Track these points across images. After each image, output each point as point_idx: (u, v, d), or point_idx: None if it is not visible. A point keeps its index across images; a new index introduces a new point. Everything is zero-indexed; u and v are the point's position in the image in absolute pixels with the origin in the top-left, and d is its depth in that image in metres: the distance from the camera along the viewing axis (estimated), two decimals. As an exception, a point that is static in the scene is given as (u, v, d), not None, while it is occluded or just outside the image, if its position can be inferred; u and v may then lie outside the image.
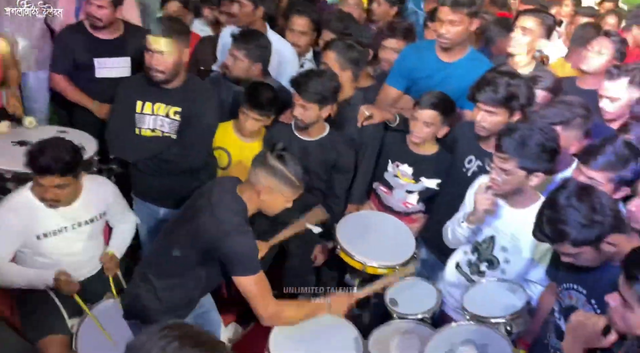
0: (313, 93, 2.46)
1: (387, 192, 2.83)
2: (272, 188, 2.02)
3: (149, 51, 2.41)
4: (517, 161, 1.97)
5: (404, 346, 2.09)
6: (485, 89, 2.28)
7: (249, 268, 1.96)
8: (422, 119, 2.58)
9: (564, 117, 2.23)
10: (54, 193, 2.20)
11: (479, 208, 2.10)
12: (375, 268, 2.49)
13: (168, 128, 2.55)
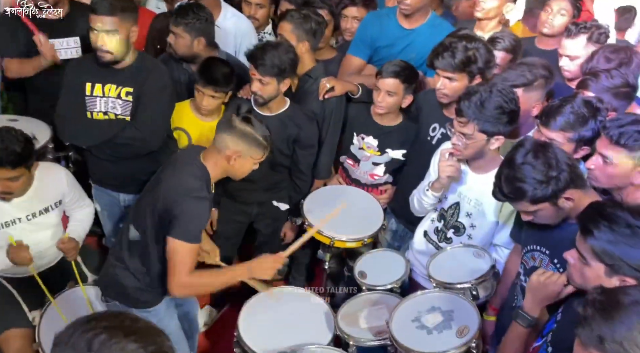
0: (270, 66, 2.39)
1: (354, 164, 2.80)
2: (241, 152, 1.98)
3: (94, 30, 2.30)
4: (476, 124, 1.96)
5: (372, 317, 2.09)
6: (443, 55, 2.24)
7: (186, 235, 1.89)
8: (384, 88, 2.54)
9: (526, 78, 2.21)
10: (5, 186, 2.12)
11: (443, 175, 2.08)
12: (343, 242, 2.49)
13: (121, 110, 2.45)
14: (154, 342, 0.99)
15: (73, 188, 2.44)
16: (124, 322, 1.00)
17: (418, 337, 1.81)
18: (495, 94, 1.95)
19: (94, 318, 1.01)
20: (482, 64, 2.25)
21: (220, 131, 2.00)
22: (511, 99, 1.97)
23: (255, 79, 2.43)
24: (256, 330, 2.10)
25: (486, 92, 1.95)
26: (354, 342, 2.00)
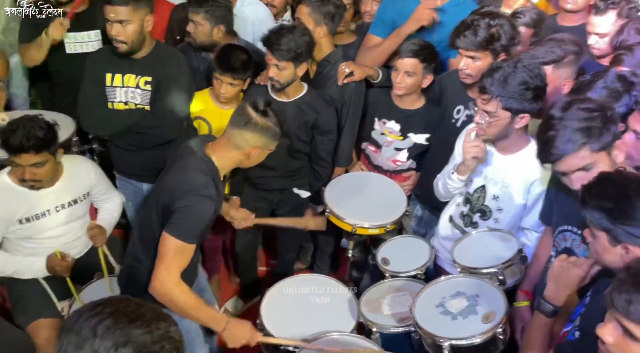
0: (286, 51, 2.36)
1: (376, 151, 2.76)
2: (261, 147, 1.94)
3: (109, 21, 2.33)
4: (499, 101, 1.88)
5: (395, 303, 2.06)
6: (465, 33, 2.18)
7: (182, 233, 1.80)
8: (403, 68, 2.49)
9: (555, 55, 2.12)
10: (32, 173, 2.15)
11: (468, 156, 2.02)
12: (365, 229, 2.45)
13: (140, 99, 2.48)
14: (160, 327, 0.97)
15: (100, 179, 2.47)
16: (128, 307, 0.98)
17: (442, 322, 1.77)
18: (520, 69, 1.87)
19: (100, 304, 0.99)
20: (506, 41, 2.17)
21: (237, 127, 1.91)
22: (537, 75, 1.89)
23: (272, 65, 2.41)
24: (279, 317, 2.09)
25: (510, 67, 1.88)
26: (377, 329, 1.97)
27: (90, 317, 0.96)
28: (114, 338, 0.93)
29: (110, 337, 0.93)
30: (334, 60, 2.66)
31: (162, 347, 0.95)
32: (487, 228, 2.09)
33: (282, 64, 2.39)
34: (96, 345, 0.92)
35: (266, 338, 1.98)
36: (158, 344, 0.95)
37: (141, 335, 0.94)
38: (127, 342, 0.93)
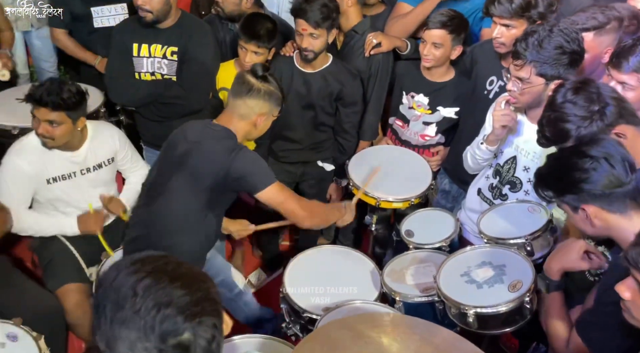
0: (321, 19, 2.35)
1: (403, 125, 2.73)
2: (266, 113, 1.95)
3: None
4: (533, 67, 1.84)
5: (419, 274, 2.05)
6: (500, 0, 2.11)
7: (265, 180, 1.90)
8: (431, 39, 2.45)
9: (597, 21, 2.05)
10: (45, 129, 2.19)
11: (497, 125, 1.98)
12: (389, 203, 2.44)
13: (167, 70, 2.51)
14: (200, 288, 0.96)
15: (125, 145, 2.51)
16: (168, 265, 0.97)
17: (467, 291, 1.75)
18: (556, 33, 1.81)
19: (139, 261, 0.97)
20: (544, 7, 2.11)
21: (240, 96, 1.92)
22: (574, 39, 1.83)
23: (307, 34, 2.39)
24: (302, 286, 2.11)
25: (545, 31, 1.82)
26: (401, 298, 1.97)
27: (129, 274, 0.94)
28: (155, 299, 0.91)
29: (152, 297, 0.91)
30: (362, 30, 2.64)
31: (203, 308, 0.94)
32: (516, 199, 2.06)
33: (317, 31, 2.37)
34: (137, 305, 0.91)
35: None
36: (199, 306, 0.94)
37: (183, 296, 0.92)
38: (169, 303, 0.91)
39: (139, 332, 0.90)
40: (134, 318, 0.90)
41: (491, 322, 1.70)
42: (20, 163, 2.24)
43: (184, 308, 0.92)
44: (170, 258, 1.00)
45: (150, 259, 0.98)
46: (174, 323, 0.90)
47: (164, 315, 0.90)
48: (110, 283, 0.94)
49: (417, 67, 2.64)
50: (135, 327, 0.90)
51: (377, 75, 2.64)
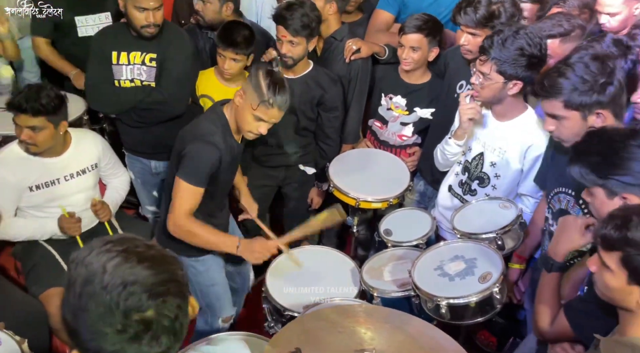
0: (301, 26, 2.43)
1: (382, 127, 2.83)
2: (245, 92, 1.99)
3: (145, 9, 2.44)
4: (494, 64, 1.95)
5: (396, 270, 2.12)
6: (465, 10, 2.24)
7: (190, 176, 1.98)
8: (408, 44, 2.55)
9: (562, 28, 2.17)
10: (27, 135, 2.25)
11: (464, 118, 2.08)
12: (368, 203, 2.52)
13: (146, 76, 2.58)
14: (167, 269, 1.01)
15: (107, 152, 2.58)
16: (138, 247, 1.02)
17: (440, 283, 1.83)
18: (521, 35, 1.92)
19: (111, 241, 1.03)
20: (506, 19, 2.23)
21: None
22: (536, 43, 1.93)
23: (286, 41, 2.47)
24: (283, 285, 2.18)
25: (511, 31, 1.94)
26: (378, 294, 2.04)
27: (101, 253, 0.99)
28: (123, 277, 0.97)
29: (120, 274, 0.97)
30: (341, 36, 2.73)
31: (167, 289, 0.99)
32: (486, 196, 2.15)
33: (296, 39, 2.45)
34: (105, 281, 0.96)
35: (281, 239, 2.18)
36: (164, 286, 0.99)
37: (149, 276, 0.98)
38: (135, 281, 0.96)
39: (105, 307, 0.95)
40: (101, 293, 0.95)
41: (463, 313, 1.78)
42: (4, 173, 2.29)
43: (149, 287, 0.97)
44: (141, 240, 1.05)
45: (122, 240, 1.03)
46: (138, 300, 0.95)
47: (129, 292, 0.95)
48: (82, 260, 1.00)
49: (395, 70, 2.75)
50: (101, 302, 0.95)
51: (357, 80, 2.73)
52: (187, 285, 1.06)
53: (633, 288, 1.21)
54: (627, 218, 1.22)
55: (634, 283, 1.21)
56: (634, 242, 1.19)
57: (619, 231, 1.21)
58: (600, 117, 1.62)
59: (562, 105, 1.65)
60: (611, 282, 1.24)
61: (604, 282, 1.27)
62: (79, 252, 1.03)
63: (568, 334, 1.54)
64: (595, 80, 1.60)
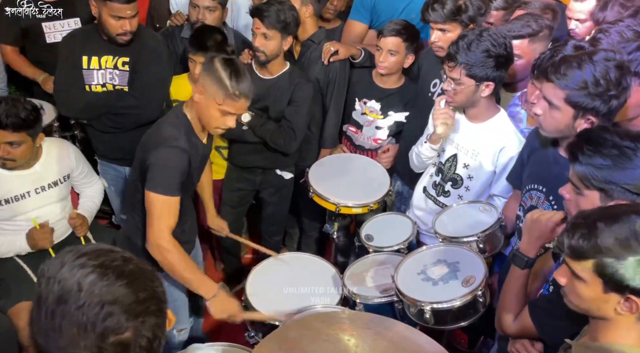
0: (275, 20, 2.42)
1: (357, 131, 2.84)
2: (204, 88, 1.86)
3: (122, 18, 2.39)
4: (463, 68, 1.97)
5: (378, 276, 2.11)
6: (433, 6, 2.28)
7: (160, 185, 1.84)
8: (386, 47, 2.57)
9: (531, 29, 2.22)
10: (6, 151, 2.19)
11: (437, 123, 2.11)
12: (349, 208, 2.51)
13: (119, 80, 2.52)
14: (146, 287, 0.95)
15: (80, 162, 2.52)
16: (115, 261, 0.95)
17: (424, 288, 1.83)
18: (485, 37, 1.96)
19: (85, 254, 0.95)
20: (473, 12, 2.27)
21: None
22: (500, 44, 1.97)
23: (260, 34, 2.45)
24: (264, 294, 2.14)
25: (475, 35, 1.97)
26: (361, 300, 2.02)
27: (75, 268, 0.93)
28: (100, 295, 0.91)
29: (97, 292, 0.91)
30: (318, 40, 2.73)
31: (147, 308, 0.94)
32: (462, 200, 2.17)
33: (271, 32, 2.44)
34: (82, 300, 0.90)
35: (251, 314, 2.02)
36: (144, 304, 0.94)
37: (127, 295, 0.92)
38: (113, 301, 0.91)
39: (80, 328, 0.89)
40: (77, 314, 0.89)
41: (447, 317, 1.78)
42: None
43: (127, 307, 0.92)
44: (118, 253, 0.98)
45: (98, 253, 0.96)
46: (116, 321, 0.90)
47: (107, 312, 0.90)
48: (55, 276, 0.93)
49: (369, 75, 2.76)
50: (76, 322, 0.89)
51: (335, 82, 2.74)
52: (166, 301, 1.00)
53: (609, 296, 1.18)
54: (592, 226, 1.18)
55: (610, 291, 1.17)
56: (606, 249, 1.15)
57: (587, 240, 1.17)
58: (588, 123, 1.63)
59: (563, 95, 1.60)
60: (585, 293, 1.21)
61: (578, 293, 1.23)
62: (49, 266, 0.95)
63: (530, 331, 1.55)
64: (607, 89, 1.56)
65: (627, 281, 1.14)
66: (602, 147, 1.39)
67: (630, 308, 1.17)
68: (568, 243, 1.22)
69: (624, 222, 1.16)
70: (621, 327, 1.22)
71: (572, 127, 1.64)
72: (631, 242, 1.13)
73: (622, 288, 1.15)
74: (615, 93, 1.57)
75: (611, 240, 1.15)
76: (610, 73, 1.56)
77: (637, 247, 1.13)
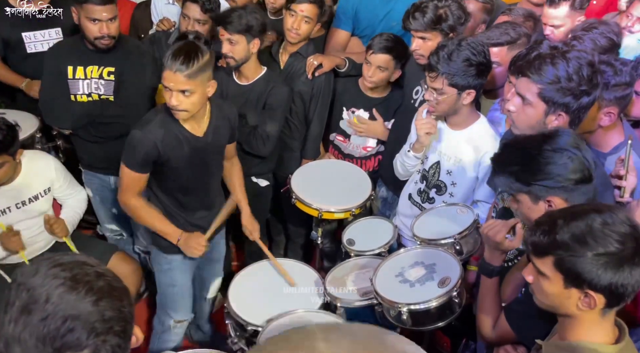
0: (237, 24, 2.48)
1: (344, 140, 2.88)
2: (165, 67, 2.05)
3: (97, 20, 2.43)
4: (445, 78, 2.03)
5: (359, 279, 2.16)
6: (414, 15, 2.34)
7: (126, 159, 2.14)
8: (376, 63, 2.62)
9: (509, 36, 2.29)
10: None
11: (420, 132, 2.16)
12: (331, 213, 2.55)
13: (104, 90, 2.57)
14: (113, 306, 0.95)
15: (61, 174, 2.54)
16: (87, 276, 0.95)
17: (401, 290, 1.88)
18: (464, 46, 2.01)
19: (59, 264, 0.96)
20: (453, 21, 2.33)
21: None
22: (480, 52, 2.03)
23: (225, 40, 2.51)
24: (246, 300, 2.19)
25: (454, 45, 2.03)
26: (341, 304, 2.07)
27: (47, 277, 0.93)
28: (65, 310, 0.90)
29: (62, 307, 0.90)
30: (306, 53, 2.76)
31: (110, 327, 0.93)
32: (444, 203, 2.22)
33: (235, 37, 2.49)
34: (46, 312, 0.90)
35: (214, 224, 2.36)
36: (108, 324, 0.93)
37: (93, 313, 0.92)
38: (77, 316, 0.90)
39: (39, 339, 0.88)
40: (39, 325, 0.89)
41: (424, 318, 1.83)
42: None
43: (91, 325, 0.91)
44: (92, 268, 0.98)
45: (72, 265, 0.96)
46: (77, 338, 0.90)
47: (68, 327, 0.89)
48: (25, 282, 0.93)
49: (355, 83, 2.81)
50: (36, 334, 0.89)
51: (320, 95, 2.77)
52: (132, 321, 0.99)
53: (571, 292, 1.23)
54: (553, 223, 1.24)
55: (570, 286, 1.22)
56: (564, 244, 1.20)
57: (547, 236, 1.23)
58: (559, 119, 1.67)
59: (537, 90, 1.65)
60: (549, 289, 1.26)
61: (542, 290, 1.28)
62: (23, 271, 0.97)
63: (510, 336, 1.59)
64: (579, 84, 1.62)
65: (583, 275, 1.19)
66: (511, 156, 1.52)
67: (589, 303, 1.22)
68: (530, 240, 1.28)
69: (583, 219, 1.22)
70: (586, 324, 1.27)
71: (543, 124, 1.69)
72: (587, 237, 1.19)
73: (580, 283, 1.21)
74: (587, 89, 1.63)
75: (568, 235, 1.21)
76: (583, 70, 1.63)
77: (593, 242, 1.19)
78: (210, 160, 2.29)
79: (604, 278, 1.18)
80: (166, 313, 2.48)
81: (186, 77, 1.99)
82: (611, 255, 1.18)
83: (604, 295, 1.21)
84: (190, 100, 2.04)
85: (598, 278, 1.18)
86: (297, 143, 2.90)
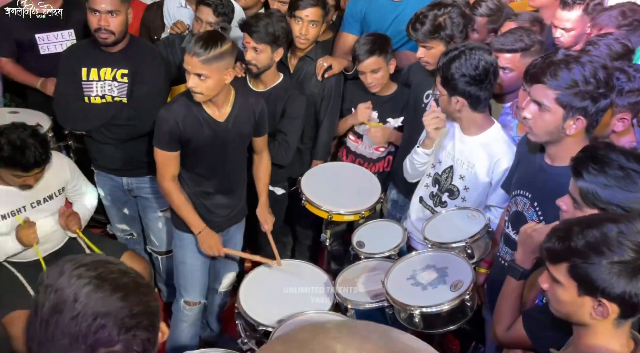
0: (264, 33, 2.49)
1: (356, 140, 2.90)
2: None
3: (97, 12, 2.43)
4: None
5: (370, 282, 2.17)
6: (415, 25, 2.38)
7: (155, 139, 2.27)
8: (368, 69, 2.67)
9: (523, 43, 2.29)
10: (33, 180, 2.29)
11: (429, 128, 2.18)
12: (341, 216, 2.56)
13: (117, 92, 2.58)
14: (140, 301, 0.97)
15: (75, 175, 2.57)
16: (112, 274, 0.98)
17: (413, 293, 1.88)
18: (469, 53, 2.03)
19: (83, 265, 0.98)
20: (451, 29, 2.35)
21: None
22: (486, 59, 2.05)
23: (250, 48, 2.53)
24: (256, 300, 2.20)
25: (460, 51, 2.05)
26: (352, 306, 2.07)
27: (73, 277, 0.95)
28: (95, 307, 0.93)
29: (92, 304, 0.93)
30: (316, 56, 2.79)
31: (139, 322, 0.96)
32: (456, 207, 2.22)
33: (260, 46, 2.51)
34: (76, 310, 0.92)
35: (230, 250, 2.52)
36: (136, 319, 0.96)
37: (122, 309, 0.94)
38: (107, 313, 0.93)
39: (72, 339, 0.91)
40: (70, 324, 0.91)
41: (436, 321, 1.84)
42: None
43: (120, 321, 0.93)
44: (116, 266, 1.01)
45: (96, 265, 0.99)
46: (108, 334, 0.92)
47: (100, 324, 0.92)
48: (52, 284, 0.96)
49: (362, 85, 2.83)
50: (68, 333, 0.91)
51: (331, 97, 2.80)
52: (159, 315, 1.02)
53: (584, 300, 1.22)
54: (569, 230, 1.24)
55: (584, 294, 1.22)
56: (578, 251, 1.20)
57: (562, 242, 1.23)
58: (578, 123, 1.67)
59: (554, 96, 1.65)
60: (563, 296, 1.26)
61: (557, 297, 1.28)
62: (49, 273, 0.99)
63: (523, 342, 1.58)
64: (597, 87, 1.61)
65: (597, 283, 1.19)
66: (608, 167, 1.41)
67: (602, 313, 1.21)
68: (545, 247, 1.28)
69: (598, 227, 1.22)
70: (601, 334, 1.26)
71: (561, 129, 1.68)
72: (602, 245, 1.19)
73: (593, 291, 1.21)
74: (604, 91, 1.63)
75: (583, 242, 1.21)
76: (599, 72, 1.63)
77: (608, 250, 1.19)
78: (230, 147, 2.35)
79: (617, 287, 1.18)
80: (179, 291, 2.56)
81: (202, 61, 2.09)
82: (626, 264, 1.18)
83: (617, 305, 1.20)
84: (206, 84, 2.14)
85: (611, 287, 1.18)
86: (307, 146, 2.92)
